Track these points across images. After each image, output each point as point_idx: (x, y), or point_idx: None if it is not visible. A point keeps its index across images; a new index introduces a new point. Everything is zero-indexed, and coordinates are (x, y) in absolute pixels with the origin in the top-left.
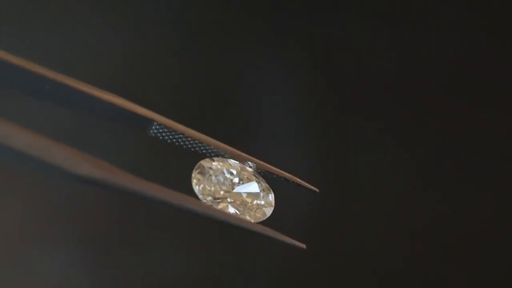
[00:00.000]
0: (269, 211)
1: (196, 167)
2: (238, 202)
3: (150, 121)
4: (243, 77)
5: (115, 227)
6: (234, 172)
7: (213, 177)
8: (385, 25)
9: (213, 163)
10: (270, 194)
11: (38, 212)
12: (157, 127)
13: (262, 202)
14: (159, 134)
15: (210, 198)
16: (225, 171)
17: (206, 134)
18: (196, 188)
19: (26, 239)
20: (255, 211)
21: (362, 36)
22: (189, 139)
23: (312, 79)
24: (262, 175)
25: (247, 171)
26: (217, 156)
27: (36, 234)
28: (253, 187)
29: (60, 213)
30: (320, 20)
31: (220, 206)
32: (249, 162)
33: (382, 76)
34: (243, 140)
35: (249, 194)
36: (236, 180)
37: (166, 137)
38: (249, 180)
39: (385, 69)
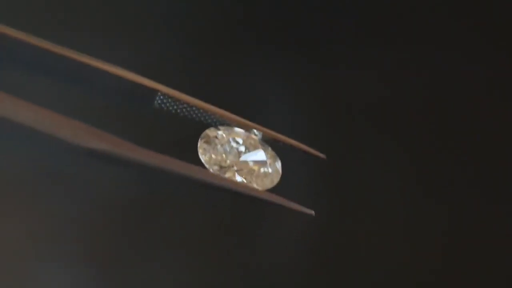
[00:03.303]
0: (276, 178)
1: (201, 136)
2: (245, 170)
3: (155, 91)
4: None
5: (120, 244)
6: (240, 140)
7: (219, 146)
8: (386, 27)
9: (219, 132)
10: (277, 162)
11: (41, 229)
12: (162, 97)
13: (270, 170)
14: (163, 105)
15: (216, 167)
16: (231, 139)
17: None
18: (202, 158)
19: (29, 257)
20: (262, 179)
21: (362, 39)
22: (194, 109)
23: (312, 81)
24: (268, 143)
25: (253, 139)
26: (223, 125)
27: (39, 252)
28: (260, 155)
29: (63, 230)
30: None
31: (227, 174)
32: (255, 130)
33: (384, 78)
34: None
35: (256, 162)
36: (242, 148)
37: (171, 108)
38: (255, 148)
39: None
